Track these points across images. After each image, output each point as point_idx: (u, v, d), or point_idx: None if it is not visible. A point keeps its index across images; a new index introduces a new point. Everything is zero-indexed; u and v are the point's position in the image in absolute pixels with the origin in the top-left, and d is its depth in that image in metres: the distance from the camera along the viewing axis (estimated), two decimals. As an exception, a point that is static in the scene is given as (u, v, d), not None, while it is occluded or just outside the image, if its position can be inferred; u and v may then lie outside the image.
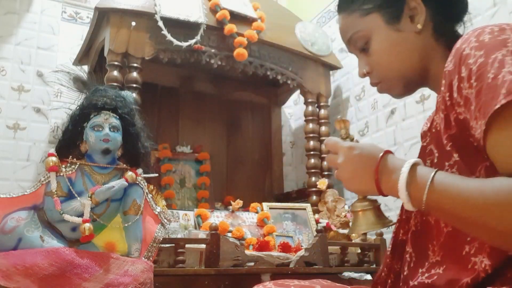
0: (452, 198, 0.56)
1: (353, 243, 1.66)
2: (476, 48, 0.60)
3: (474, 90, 0.58)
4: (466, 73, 0.60)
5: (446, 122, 0.64)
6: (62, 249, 1.04)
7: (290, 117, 2.66)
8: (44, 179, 1.15)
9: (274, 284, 0.68)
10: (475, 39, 0.61)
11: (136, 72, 1.62)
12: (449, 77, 0.63)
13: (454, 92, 0.62)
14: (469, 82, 0.59)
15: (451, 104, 0.63)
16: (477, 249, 0.60)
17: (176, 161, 2.08)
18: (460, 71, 0.61)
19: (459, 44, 0.63)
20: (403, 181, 0.61)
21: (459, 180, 0.58)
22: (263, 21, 1.89)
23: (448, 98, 0.63)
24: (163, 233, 1.22)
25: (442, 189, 0.58)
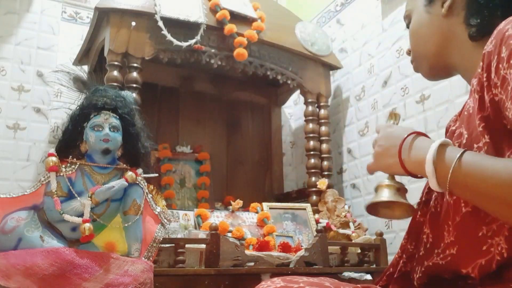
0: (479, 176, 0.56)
1: (353, 243, 1.66)
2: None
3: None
4: (506, 53, 0.59)
5: (480, 103, 0.63)
6: (62, 249, 1.04)
7: (290, 117, 2.66)
8: (44, 179, 1.15)
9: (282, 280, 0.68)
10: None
11: (136, 72, 1.62)
12: (487, 58, 0.62)
13: (492, 72, 0.61)
14: (509, 63, 0.58)
15: (488, 85, 0.62)
16: (494, 232, 0.59)
17: (176, 161, 2.08)
18: (501, 51, 0.60)
19: (502, 25, 0.62)
20: (431, 157, 0.61)
21: (485, 158, 0.58)
22: (263, 21, 1.89)
23: (486, 79, 0.62)
24: (163, 233, 1.22)
25: (468, 166, 0.58)
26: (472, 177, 0.57)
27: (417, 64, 0.85)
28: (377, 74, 2.04)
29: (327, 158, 2.03)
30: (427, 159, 0.61)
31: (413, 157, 0.66)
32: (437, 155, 0.61)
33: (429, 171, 0.61)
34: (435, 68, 0.82)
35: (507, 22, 0.62)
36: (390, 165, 0.70)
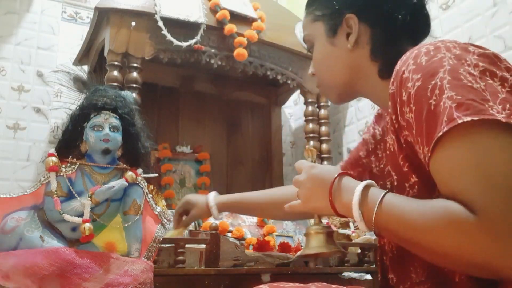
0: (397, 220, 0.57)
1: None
2: (413, 71, 0.59)
3: (413, 114, 0.58)
4: (406, 97, 0.60)
5: (398, 144, 0.65)
6: (62, 249, 1.04)
7: (290, 117, 2.66)
8: (44, 179, 1.15)
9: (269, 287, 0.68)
10: (413, 61, 0.61)
11: (136, 72, 1.62)
12: (393, 100, 0.63)
13: (399, 115, 0.62)
14: (409, 106, 0.59)
15: (398, 127, 0.63)
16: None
17: (176, 161, 2.08)
18: (401, 95, 0.61)
19: (399, 67, 0.63)
20: (356, 201, 0.62)
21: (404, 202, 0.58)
22: (263, 21, 1.89)
23: (395, 120, 0.63)
24: (163, 233, 1.22)
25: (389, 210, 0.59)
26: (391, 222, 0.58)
27: (323, 90, 0.85)
28: (377, 74, 2.04)
29: (327, 158, 2.03)
30: (353, 205, 0.62)
31: (342, 200, 0.66)
32: (362, 198, 0.62)
33: (356, 216, 0.62)
34: (343, 95, 0.82)
35: (402, 63, 0.62)
36: (320, 208, 0.70)
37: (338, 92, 0.82)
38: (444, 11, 1.68)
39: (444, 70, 0.57)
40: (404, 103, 0.60)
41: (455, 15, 1.63)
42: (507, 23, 1.44)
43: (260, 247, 1.48)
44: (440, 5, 1.70)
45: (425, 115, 0.56)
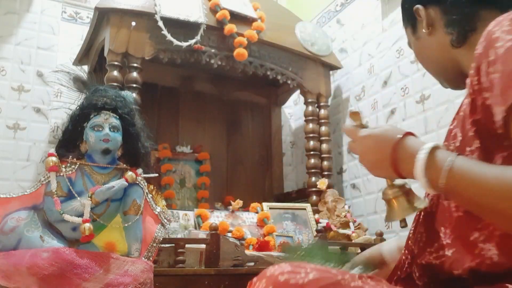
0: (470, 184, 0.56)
1: (353, 243, 1.66)
2: (507, 32, 0.59)
3: (499, 74, 0.57)
4: (493, 56, 0.59)
5: (472, 107, 0.63)
6: (62, 249, 1.04)
7: (290, 117, 2.66)
8: (44, 179, 1.15)
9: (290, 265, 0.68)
10: (508, 22, 0.60)
11: (136, 72, 1.62)
12: (478, 61, 0.62)
13: (482, 76, 0.61)
14: (495, 66, 0.58)
15: (478, 89, 0.62)
16: (486, 237, 0.60)
17: (176, 161, 2.08)
18: (488, 55, 0.60)
19: (491, 27, 0.62)
20: (420, 167, 0.60)
21: (478, 166, 0.57)
22: (263, 21, 1.89)
23: (476, 82, 0.62)
24: (163, 233, 1.22)
25: (461, 174, 0.58)
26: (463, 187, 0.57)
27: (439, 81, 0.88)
28: (377, 74, 2.04)
29: (327, 158, 2.03)
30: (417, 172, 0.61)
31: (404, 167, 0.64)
32: (428, 162, 0.60)
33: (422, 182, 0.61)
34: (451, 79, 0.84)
35: (496, 23, 0.62)
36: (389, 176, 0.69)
37: (445, 77, 0.85)
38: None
39: None
40: (490, 63, 0.59)
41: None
42: (507, 23, 1.44)
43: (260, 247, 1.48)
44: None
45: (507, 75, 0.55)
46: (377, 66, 2.05)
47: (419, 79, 1.81)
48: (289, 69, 1.99)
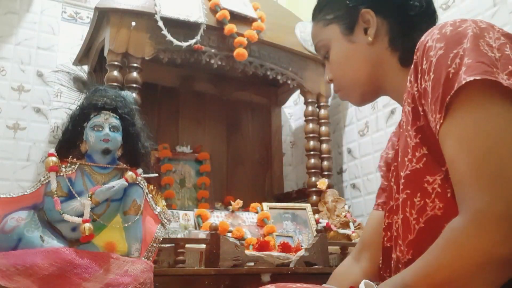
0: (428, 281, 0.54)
1: (353, 243, 1.66)
2: (437, 40, 0.60)
3: (431, 82, 0.58)
4: (427, 65, 0.60)
5: (414, 114, 0.64)
6: (62, 249, 1.04)
7: (290, 117, 2.66)
8: (44, 179, 1.15)
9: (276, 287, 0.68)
10: (438, 31, 0.61)
11: (136, 72, 1.62)
12: (415, 68, 0.63)
13: (419, 84, 0.62)
14: (429, 75, 0.59)
15: (418, 96, 0.62)
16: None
17: (176, 161, 2.08)
18: (422, 63, 0.61)
19: (424, 37, 0.63)
20: None
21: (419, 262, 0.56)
22: (263, 21, 1.89)
23: (416, 89, 0.63)
24: (163, 233, 1.22)
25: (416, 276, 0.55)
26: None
27: (345, 93, 0.84)
28: (377, 74, 2.04)
29: (327, 158, 2.03)
30: None
31: None
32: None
33: None
34: (366, 94, 0.82)
35: (428, 34, 0.63)
36: None
37: (361, 91, 0.81)
38: (444, 11, 1.68)
39: (467, 40, 0.57)
40: (424, 71, 0.60)
41: (455, 15, 1.63)
42: (507, 23, 1.44)
43: (260, 247, 1.48)
44: (440, 5, 1.70)
45: (443, 82, 0.56)
46: (377, 66, 2.04)
47: (419, 79, 1.81)
48: (289, 69, 1.99)
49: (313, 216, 1.84)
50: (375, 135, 2.02)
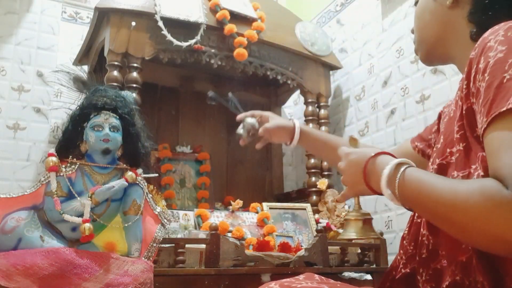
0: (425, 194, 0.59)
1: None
2: (500, 42, 0.59)
3: (485, 83, 0.58)
4: (483, 64, 0.59)
5: (461, 110, 0.65)
6: (62, 249, 1.04)
7: (290, 117, 2.66)
8: (44, 179, 1.15)
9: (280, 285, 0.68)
10: (503, 33, 0.60)
11: (136, 72, 1.62)
12: (470, 65, 0.63)
13: (471, 81, 0.62)
14: (483, 75, 0.58)
15: (466, 93, 0.63)
16: None
17: (176, 161, 2.08)
18: (479, 61, 0.60)
19: (487, 34, 0.62)
20: (384, 180, 0.65)
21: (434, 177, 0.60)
22: (263, 21, 1.89)
23: (465, 86, 0.63)
24: (163, 233, 1.22)
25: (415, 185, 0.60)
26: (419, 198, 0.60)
27: (417, 46, 0.86)
28: (377, 74, 2.04)
29: (327, 158, 2.03)
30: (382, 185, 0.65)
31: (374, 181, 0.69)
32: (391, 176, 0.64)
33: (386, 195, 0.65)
34: (431, 54, 0.83)
35: (492, 32, 0.62)
36: (363, 190, 0.73)
37: (427, 48, 0.83)
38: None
39: None
40: (479, 70, 0.60)
41: None
42: None
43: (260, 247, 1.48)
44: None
45: (495, 87, 0.56)
46: (377, 66, 2.05)
47: (419, 79, 1.81)
48: (289, 69, 1.99)
49: (313, 216, 1.84)
50: (375, 135, 2.02)
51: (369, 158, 0.70)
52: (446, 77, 1.70)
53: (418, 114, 1.79)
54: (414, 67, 1.84)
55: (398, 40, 1.94)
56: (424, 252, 0.70)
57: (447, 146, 0.66)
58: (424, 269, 0.70)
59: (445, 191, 0.56)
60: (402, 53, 1.92)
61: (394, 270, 0.77)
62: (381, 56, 2.03)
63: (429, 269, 0.69)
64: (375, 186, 0.69)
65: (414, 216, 0.76)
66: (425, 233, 0.71)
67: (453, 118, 0.67)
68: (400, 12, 1.94)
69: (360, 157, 0.73)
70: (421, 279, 0.70)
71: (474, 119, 0.61)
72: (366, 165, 0.70)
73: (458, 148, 0.64)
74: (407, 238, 0.77)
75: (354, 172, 0.73)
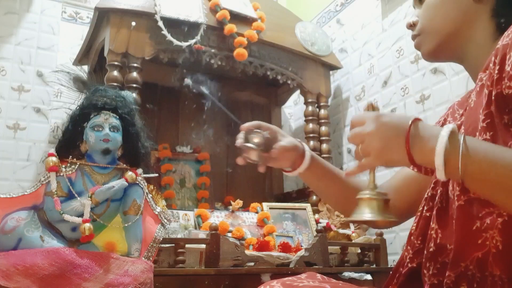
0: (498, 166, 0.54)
1: (353, 243, 1.66)
2: None
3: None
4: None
5: (489, 98, 0.61)
6: (62, 249, 1.04)
7: (290, 117, 2.66)
8: (44, 179, 1.15)
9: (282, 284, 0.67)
10: None
11: (136, 72, 1.62)
12: (503, 51, 0.60)
13: (507, 65, 0.58)
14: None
15: (499, 78, 0.59)
16: (488, 225, 0.59)
17: (176, 161, 2.08)
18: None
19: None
20: (442, 146, 0.57)
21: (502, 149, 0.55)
22: (263, 21, 1.89)
23: (498, 71, 0.59)
24: (163, 233, 1.22)
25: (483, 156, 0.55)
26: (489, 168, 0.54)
27: (422, 39, 0.80)
28: (377, 74, 2.04)
29: (327, 158, 2.03)
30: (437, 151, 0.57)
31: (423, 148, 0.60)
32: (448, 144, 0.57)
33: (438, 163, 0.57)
34: (441, 48, 0.78)
35: None
36: (396, 159, 0.63)
37: (439, 41, 0.77)
38: None
39: None
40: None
41: None
42: None
43: (260, 247, 1.48)
44: None
45: None
46: (377, 66, 2.05)
47: (419, 79, 1.81)
48: (289, 69, 1.99)
49: (313, 216, 1.84)
50: (375, 135, 2.02)
51: (413, 120, 0.61)
52: (446, 77, 1.70)
53: (418, 114, 1.79)
54: (414, 67, 1.84)
55: (398, 40, 1.94)
56: (432, 246, 0.68)
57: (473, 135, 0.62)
58: (431, 263, 0.68)
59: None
60: (402, 53, 1.92)
61: (401, 266, 0.76)
62: (381, 56, 2.03)
63: (436, 263, 0.67)
64: (418, 155, 0.60)
65: (423, 211, 0.74)
66: (435, 226, 0.69)
67: (477, 108, 0.63)
68: (400, 12, 1.95)
69: (400, 120, 0.62)
70: (428, 273, 0.68)
71: (503, 105, 0.58)
72: (410, 129, 0.60)
73: (485, 137, 0.59)
74: (414, 234, 0.75)
75: (389, 136, 0.61)
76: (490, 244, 0.58)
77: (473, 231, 0.61)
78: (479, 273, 0.60)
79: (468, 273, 0.61)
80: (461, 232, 0.63)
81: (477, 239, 0.60)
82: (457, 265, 0.62)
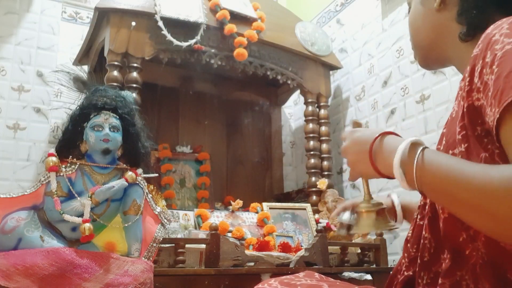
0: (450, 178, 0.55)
1: (353, 243, 1.66)
2: (506, 35, 0.58)
3: (494, 76, 0.56)
4: (490, 58, 0.58)
5: (462, 110, 0.63)
6: (62, 249, 1.04)
7: (290, 117, 2.66)
8: (44, 179, 1.15)
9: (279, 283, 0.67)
10: (508, 26, 0.59)
11: (136, 72, 1.62)
12: (473, 62, 0.62)
13: (475, 77, 0.60)
14: (491, 68, 0.57)
15: (469, 90, 0.61)
16: (472, 237, 0.59)
17: (176, 161, 2.08)
18: (485, 56, 0.59)
19: (490, 30, 0.61)
20: (398, 159, 0.60)
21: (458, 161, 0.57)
22: (263, 21, 1.89)
23: (468, 83, 0.61)
24: (163, 233, 1.22)
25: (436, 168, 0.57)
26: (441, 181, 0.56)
27: (414, 52, 0.86)
28: (377, 74, 2.04)
29: (327, 158, 2.03)
30: (394, 163, 0.61)
31: (383, 160, 0.65)
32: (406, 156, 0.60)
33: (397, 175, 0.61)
34: (427, 58, 0.83)
35: (495, 27, 0.61)
36: (365, 171, 0.69)
37: (423, 54, 0.83)
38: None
39: None
40: (486, 64, 0.58)
41: None
42: None
43: (260, 247, 1.48)
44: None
45: (505, 76, 0.54)
46: (377, 66, 2.05)
47: (419, 79, 1.81)
48: (289, 69, 1.99)
49: (313, 216, 1.84)
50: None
51: (376, 135, 0.67)
52: (446, 77, 1.70)
53: (418, 114, 1.79)
54: (414, 67, 1.84)
55: (398, 40, 1.94)
56: (425, 256, 0.69)
57: (449, 147, 0.65)
58: (425, 272, 0.68)
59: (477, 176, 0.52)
60: (402, 53, 1.92)
61: (398, 273, 0.76)
62: (381, 56, 2.03)
63: (430, 273, 0.67)
64: (382, 167, 0.65)
65: (417, 219, 0.75)
66: (427, 236, 0.70)
67: (455, 119, 0.65)
68: (400, 12, 1.94)
69: (366, 135, 0.69)
70: (422, 282, 0.68)
71: (475, 116, 0.60)
72: (373, 143, 0.66)
73: (461, 150, 0.62)
74: (410, 241, 0.76)
75: (357, 151, 0.69)
76: (477, 255, 0.59)
77: (460, 242, 0.61)
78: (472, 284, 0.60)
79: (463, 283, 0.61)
80: (450, 243, 0.63)
81: (465, 250, 0.60)
82: (453, 274, 0.62)
